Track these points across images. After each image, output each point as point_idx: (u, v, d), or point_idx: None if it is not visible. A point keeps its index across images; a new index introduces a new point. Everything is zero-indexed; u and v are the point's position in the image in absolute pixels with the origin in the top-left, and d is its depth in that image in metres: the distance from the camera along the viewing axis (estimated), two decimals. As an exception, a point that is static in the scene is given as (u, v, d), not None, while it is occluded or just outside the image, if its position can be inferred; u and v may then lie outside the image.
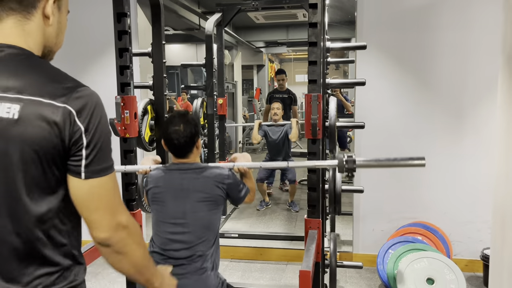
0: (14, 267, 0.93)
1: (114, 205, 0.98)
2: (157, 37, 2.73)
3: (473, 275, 3.29)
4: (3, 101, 0.86)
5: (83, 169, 0.92)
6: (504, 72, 1.84)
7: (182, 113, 1.90)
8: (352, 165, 1.80)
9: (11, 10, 0.92)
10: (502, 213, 1.83)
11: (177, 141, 1.83)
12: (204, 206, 1.81)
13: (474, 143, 3.25)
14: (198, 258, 1.78)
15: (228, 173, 1.88)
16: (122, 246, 0.99)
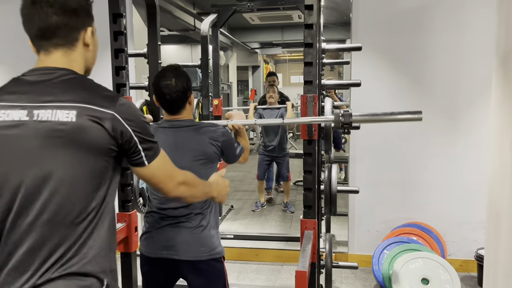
0: None
1: (171, 172, 1.27)
2: (153, 38, 2.73)
3: (467, 275, 3.31)
4: (62, 109, 1.06)
5: (144, 159, 1.17)
6: (498, 74, 1.85)
7: (174, 66, 1.85)
8: (348, 119, 1.80)
9: (58, 45, 1.14)
10: (496, 214, 1.84)
11: (169, 96, 1.78)
12: (200, 164, 1.78)
13: (468, 144, 3.28)
14: (195, 216, 1.78)
15: (222, 130, 1.85)
16: (185, 195, 1.32)
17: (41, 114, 1.06)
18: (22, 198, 1.04)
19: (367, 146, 3.43)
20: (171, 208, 1.80)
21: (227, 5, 4.39)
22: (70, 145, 1.05)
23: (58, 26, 1.12)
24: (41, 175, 1.04)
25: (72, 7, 1.14)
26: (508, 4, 1.73)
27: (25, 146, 1.05)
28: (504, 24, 1.79)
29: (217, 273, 1.84)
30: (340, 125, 1.81)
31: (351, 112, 1.80)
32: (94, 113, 1.07)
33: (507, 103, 1.73)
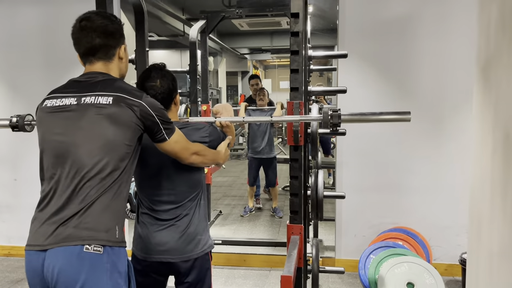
0: None
1: (186, 145, 1.64)
2: (141, 44, 2.74)
3: (452, 279, 3.36)
4: (103, 96, 1.45)
5: (166, 136, 1.55)
6: (479, 82, 1.90)
7: (159, 66, 1.82)
8: (337, 120, 1.81)
9: (100, 59, 1.55)
10: (477, 218, 1.88)
11: (153, 98, 1.69)
12: (188, 166, 1.77)
13: (452, 150, 3.34)
14: (186, 216, 1.79)
15: (209, 130, 1.84)
16: (201, 161, 1.72)
17: (87, 99, 1.45)
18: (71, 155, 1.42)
19: (354, 152, 3.47)
20: (161, 210, 1.80)
21: (216, 11, 4.41)
22: (107, 120, 1.42)
23: (100, 46, 1.52)
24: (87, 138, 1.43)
25: (110, 31, 1.53)
26: (488, 13, 1.78)
27: (75, 120, 1.44)
28: (485, 33, 1.84)
29: (207, 266, 1.88)
30: (329, 124, 1.81)
31: (339, 113, 1.83)
32: (126, 100, 1.45)
33: (487, 111, 1.78)
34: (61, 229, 1.36)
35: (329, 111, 1.85)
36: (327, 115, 1.82)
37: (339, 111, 1.84)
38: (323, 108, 1.88)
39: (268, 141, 4.82)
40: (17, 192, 3.94)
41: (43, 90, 4.11)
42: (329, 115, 1.82)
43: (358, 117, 1.93)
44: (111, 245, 1.39)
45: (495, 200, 1.66)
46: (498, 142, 1.63)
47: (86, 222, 1.36)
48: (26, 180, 3.92)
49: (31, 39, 3.86)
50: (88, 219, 1.37)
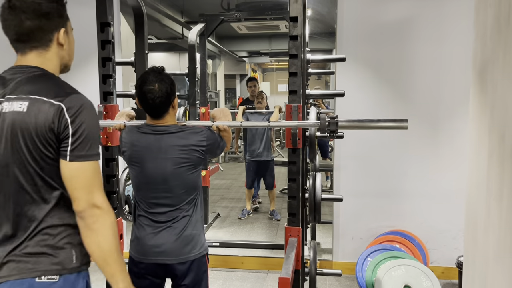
0: None
1: (92, 187, 1.21)
2: (140, 46, 2.76)
3: (449, 282, 3.37)
4: (18, 100, 1.19)
5: (68, 153, 1.19)
6: (475, 86, 1.92)
7: (157, 70, 1.82)
8: (334, 127, 1.82)
9: (34, 47, 1.26)
10: (473, 222, 1.90)
11: (152, 101, 1.75)
12: (184, 170, 1.79)
13: (449, 153, 3.36)
14: (183, 219, 1.80)
15: (206, 135, 1.85)
16: (92, 222, 1.21)
17: (5, 106, 1.20)
18: None
19: (351, 155, 3.48)
20: (158, 212, 1.81)
21: (215, 14, 4.44)
22: (21, 131, 1.18)
23: (32, 30, 1.23)
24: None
25: (43, 11, 1.23)
26: (484, 18, 1.80)
27: None
28: (480, 37, 1.86)
29: (203, 268, 1.89)
30: (326, 130, 1.82)
31: (337, 119, 1.84)
32: (43, 105, 1.18)
33: (483, 114, 1.80)
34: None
35: (327, 117, 1.86)
36: (325, 121, 1.84)
37: (336, 118, 1.85)
38: (320, 114, 1.90)
39: (265, 143, 4.84)
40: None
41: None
42: (326, 122, 1.83)
43: (356, 124, 1.94)
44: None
45: (491, 203, 1.67)
46: (494, 145, 1.65)
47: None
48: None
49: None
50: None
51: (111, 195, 2.40)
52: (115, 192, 2.41)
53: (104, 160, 2.39)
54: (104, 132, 2.33)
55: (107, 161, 2.39)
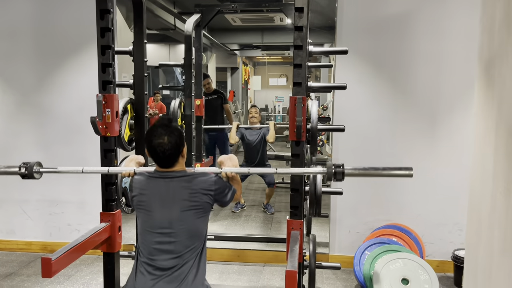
0: None
1: None
2: (139, 36, 2.71)
3: (444, 275, 3.40)
4: None
5: None
6: (481, 80, 1.91)
7: (165, 123, 1.85)
8: (340, 177, 1.87)
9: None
10: (477, 215, 1.90)
11: (162, 154, 1.79)
12: (192, 215, 1.79)
13: (447, 148, 3.37)
14: (185, 266, 1.76)
15: (214, 179, 1.86)
16: None
17: None
18: None
19: (349, 149, 3.47)
20: (160, 259, 1.77)
21: (211, 5, 4.37)
22: None
23: None
24: None
25: None
26: (492, 12, 1.79)
27: None
28: (487, 32, 1.85)
29: None
30: (333, 177, 1.88)
31: (343, 170, 1.87)
32: None
33: (489, 109, 1.79)
34: None
35: (333, 165, 1.88)
36: (331, 169, 1.86)
37: (342, 167, 1.88)
38: (327, 163, 1.93)
39: (262, 155, 4.88)
40: (6, 185, 3.85)
41: (34, 81, 4.06)
42: (333, 170, 1.86)
43: (361, 172, 1.96)
44: None
45: (497, 197, 1.67)
46: (501, 139, 1.64)
47: None
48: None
49: (21, 28, 3.75)
50: None
51: (109, 187, 2.36)
52: (114, 184, 2.37)
53: (103, 150, 2.34)
54: (103, 122, 2.28)
55: (105, 152, 2.35)
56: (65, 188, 3.81)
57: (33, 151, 3.77)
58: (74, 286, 3.21)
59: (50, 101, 3.76)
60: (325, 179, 2.01)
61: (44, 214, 3.85)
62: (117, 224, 2.38)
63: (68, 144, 3.76)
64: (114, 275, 2.41)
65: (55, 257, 1.85)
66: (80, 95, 3.68)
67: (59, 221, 3.85)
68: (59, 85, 3.73)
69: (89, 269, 3.51)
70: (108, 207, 2.37)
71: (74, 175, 3.76)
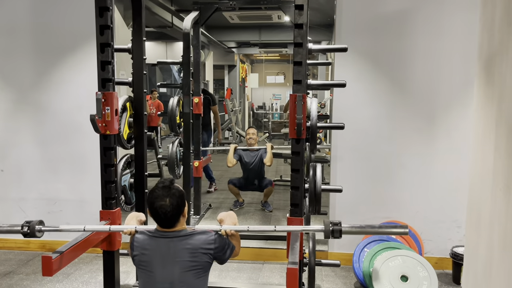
0: None
1: None
2: (138, 33, 2.70)
3: (442, 272, 3.42)
4: None
5: None
6: (480, 78, 1.92)
7: (166, 184, 1.88)
8: (338, 234, 1.88)
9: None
10: (477, 211, 1.91)
11: (164, 216, 1.82)
12: (192, 275, 1.82)
13: (445, 145, 3.38)
14: None
15: (214, 237, 1.88)
16: None
17: None
18: None
19: (348, 146, 3.48)
20: None
21: (209, 2, 4.36)
22: None
23: None
24: None
25: None
26: (491, 10, 1.80)
27: None
28: (487, 30, 1.85)
29: None
30: (330, 235, 1.89)
31: (341, 228, 1.89)
32: None
33: (489, 106, 1.80)
34: None
35: (331, 225, 1.90)
36: (329, 227, 1.89)
37: (339, 225, 1.90)
38: (324, 221, 1.94)
39: (259, 175, 4.92)
40: (4, 183, 3.84)
41: (32, 78, 4.04)
42: (330, 229, 1.88)
43: (358, 230, 2.00)
44: None
45: (497, 194, 1.68)
46: (501, 136, 1.65)
47: None
48: (13, 171, 3.82)
49: (19, 25, 3.73)
50: None
51: (108, 185, 2.36)
52: (113, 182, 2.36)
53: (102, 148, 2.34)
54: (102, 120, 2.27)
55: (105, 150, 2.34)
56: (64, 186, 3.80)
57: (31, 149, 3.75)
58: (73, 284, 3.21)
59: (48, 99, 3.74)
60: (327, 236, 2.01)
61: (43, 212, 3.83)
62: (117, 222, 2.38)
63: (66, 142, 3.74)
64: (114, 273, 2.41)
65: (56, 255, 1.85)
66: (78, 93, 3.67)
67: (58, 220, 3.84)
68: (57, 82, 3.72)
69: (88, 267, 3.50)
70: (108, 205, 2.37)
71: (72, 172, 3.76)
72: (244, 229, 2.02)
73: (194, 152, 4.41)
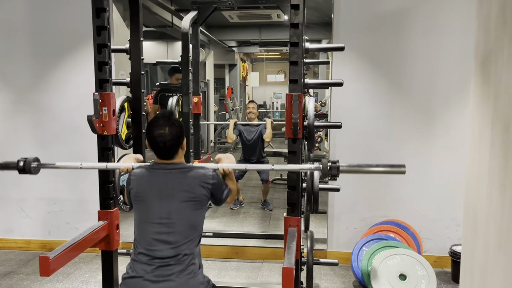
0: None
1: None
2: (135, 33, 2.70)
3: (441, 270, 3.42)
4: None
5: None
6: (477, 76, 1.92)
7: (167, 115, 1.88)
8: (335, 171, 1.87)
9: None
10: (473, 211, 1.91)
11: (162, 145, 1.82)
12: (189, 206, 1.80)
13: (443, 144, 3.38)
14: (184, 257, 1.76)
15: (213, 173, 1.88)
16: None
17: None
18: None
19: (346, 145, 3.48)
20: (159, 249, 1.77)
21: (208, 2, 4.36)
22: None
23: None
24: None
25: None
26: (487, 8, 1.79)
27: None
28: (483, 28, 1.85)
29: None
30: (328, 175, 1.88)
31: (338, 165, 1.87)
32: None
33: (485, 105, 1.79)
34: None
35: (328, 162, 1.88)
36: (326, 166, 1.87)
37: (337, 163, 1.88)
38: (322, 160, 1.93)
39: (259, 151, 4.89)
40: (4, 183, 3.85)
41: (32, 78, 4.04)
42: (328, 167, 1.86)
43: (355, 169, 1.99)
44: None
45: (492, 193, 1.68)
46: (497, 135, 1.65)
47: None
48: (13, 171, 3.81)
49: (17, 26, 3.74)
50: None
51: (106, 185, 2.36)
52: (111, 182, 2.37)
53: (100, 149, 2.34)
54: (100, 120, 2.28)
55: (103, 150, 2.34)
56: (64, 186, 3.81)
57: (30, 149, 3.76)
58: (73, 284, 3.22)
59: (46, 99, 3.75)
60: (324, 174, 2.02)
61: (43, 212, 3.85)
62: (115, 222, 2.38)
63: (65, 142, 3.75)
64: (113, 273, 2.41)
65: (53, 255, 1.86)
66: (77, 93, 3.67)
67: (58, 220, 3.85)
68: (56, 83, 3.72)
69: (88, 267, 3.51)
70: (106, 205, 2.37)
71: (72, 173, 3.76)
72: (241, 167, 2.04)
73: (194, 151, 4.42)
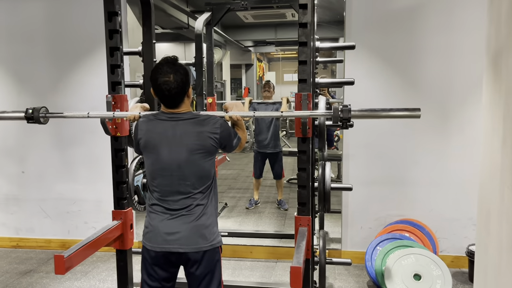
0: None
1: None
2: (148, 36, 2.74)
3: (458, 271, 3.36)
4: None
5: None
6: (489, 73, 1.89)
7: (171, 60, 1.82)
8: (347, 115, 1.81)
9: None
10: (486, 211, 1.88)
11: (168, 92, 1.77)
12: (199, 156, 1.80)
13: (459, 142, 3.32)
14: (196, 207, 1.80)
15: (221, 122, 1.86)
16: None
17: None
18: None
19: (360, 144, 3.46)
20: (172, 200, 1.81)
21: (221, 3, 4.39)
22: None
23: None
24: None
25: None
26: (499, 4, 1.76)
27: None
28: (495, 24, 1.82)
29: (216, 262, 1.88)
30: (339, 120, 1.82)
31: (350, 108, 1.82)
32: None
33: (497, 101, 1.77)
34: None
35: (339, 106, 1.85)
36: (337, 110, 1.82)
37: (349, 106, 1.83)
38: (333, 104, 1.88)
39: (273, 134, 4.82)
40: (25, 184, 3.96)
41: (49, 82, 4.15)
42: (339, 110, 1.81)
43: (368, 113, 1.93)
44: None
45: (505, 191, 1.65)
46: (509, 132, 1.62)
47: None
48: (33, 173, 3.94)
49: (36, 31, 3.85)
50: None
51: (120, 185, 2.41)
52: (125, 182, 2.41)
53: (113, 150, 2.39)
54: (113, 122, 2.32)
55: (116, 151, 2.39)
56: (82, 187, 3.90)
57: (50, 151, 3.86)
58: (90, 282, 3.29)
59: (64, 102, 3.84)
60: (336, 119, 1.91)
61: (62, 212, 3.95)
62: (129, 222, 2.43)
63: (83, 144, 3.84)
64: (127, 272, 2.46)
65: (67, 254, 1.91)
66: (94, 95, 3.75)
67: (77, 219, 3.94)
68: (74, 85, 3.81)
69: (105, 265, 3.59)
70: (120, 205, 2.42)
71: (90, 171, 3.85)
72: (249, 115, 2.04)
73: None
